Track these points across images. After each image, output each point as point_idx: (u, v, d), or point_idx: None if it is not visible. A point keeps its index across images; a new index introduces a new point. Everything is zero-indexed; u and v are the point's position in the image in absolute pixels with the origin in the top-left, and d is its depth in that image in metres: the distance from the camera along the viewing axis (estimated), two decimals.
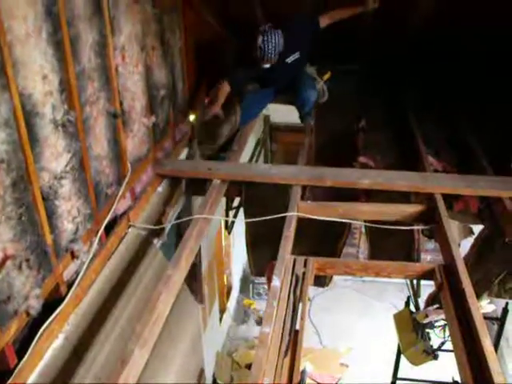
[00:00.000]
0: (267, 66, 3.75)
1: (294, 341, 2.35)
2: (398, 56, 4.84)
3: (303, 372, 2.28)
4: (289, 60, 3.95)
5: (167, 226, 3.35)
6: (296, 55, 3.96)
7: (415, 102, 4.83)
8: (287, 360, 2.27)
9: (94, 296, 2.49)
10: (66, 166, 2.28)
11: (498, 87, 4.43)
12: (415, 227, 3.39)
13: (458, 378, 2.34)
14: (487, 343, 2.19)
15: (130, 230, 2.93)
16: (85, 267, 2.45)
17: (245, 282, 8.07)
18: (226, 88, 4.03)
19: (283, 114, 6.09)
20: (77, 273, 2.43)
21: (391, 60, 4.93)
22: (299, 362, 2.28)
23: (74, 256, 2.41)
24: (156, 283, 2.52)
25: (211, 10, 4.17)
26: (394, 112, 4.79)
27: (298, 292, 2.65)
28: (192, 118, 4.24)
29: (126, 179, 2.90)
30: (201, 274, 4.22)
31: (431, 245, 7.03)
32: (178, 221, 3.66)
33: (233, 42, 4.67)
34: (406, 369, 4.27)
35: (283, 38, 3.66)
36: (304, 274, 2.81)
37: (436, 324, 3.62)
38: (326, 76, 4.50)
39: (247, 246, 3.93)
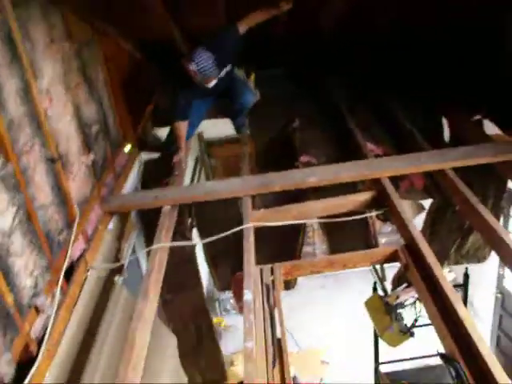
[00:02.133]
0: (213, 83, 3.74)
1: (278, 349, 2.34)
2: (321, 52, 4.94)
3: (294, 378, 2.27)
4: (222, 74, 3.92)
5: (126, 262, 3.28)
6: (227, 68, 3.95)
7: (346, 94, 4.94)
8: (276, 370, 2.26)
9: (66, 348, 2.39)
10: (14, 220, 2.19)
11: (423, 71, 4.61)
12: (368, 214, 3.45)
13: (442, 350, 2.39)
14: (463, 310, 2.26)
15: (89, 272, 2.84)
16: (52, 320, 2.35)
17: (210, 300, 7.98)
18: (182, 127, 4.03)
19: (216, 128, 6.09)
20: (45, 328, 2.33)
21: (315, 57, 5.03)
22: (288, 369, 2.27)
23: (38, 311, 2.31)
24: (127, 321, 2.45)
25: (129, 38, 4.12)
26: (328, 107, 4.88)
27: (271, 300, 2.64)
28: (127, 148, 4.18)
29: (76, 222, 2.82)
30: None
31: (387, 228, 7.24)
32: (135, 255, 3.60)
33: (155, 68, 4.65)
34: (387, 351, 4.32)
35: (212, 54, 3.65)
36: (273, 281, 2.81)
37: (406, 303, 3.70)
38: (252, 76, 4.53)
39: (208, 263, 3.91)
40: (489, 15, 3.81)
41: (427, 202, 3.76)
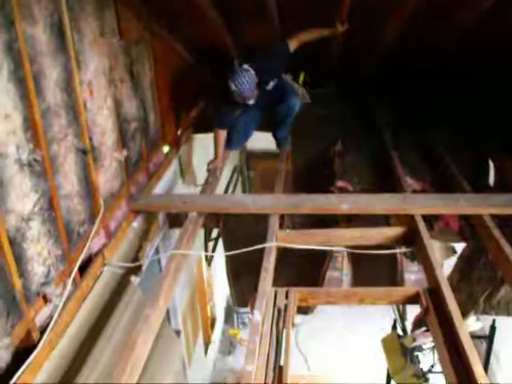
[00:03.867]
0: (252, 102, 3.71)
1: (278, 377, 2.26)
2: (371, 77, 4.86)
3: None
4: (270, 87, 3.89)
5: (145, 263, 3.26)
6: (275, 81, 3.91)
7: (391, 122, 4.84)
8: None
9: (69, 341, 2.37)
10: (34, 206, 2.19)
11: (472, 107, 4.48)
12: (397, 250, 3.34)
13: None
14: (478, 368, 2.12)
15: (105, 268, 2.83)
16: (58, 311, 2.34)
17: (229, 311, 7.93)
18: (220, 135, 4.01)
19: (259, 140, 6.06)
20: (50, 317, 2.32)
21: (365, 81, 4.95)
22: None
23: (46, 300, 2.30)
24: (135, 323, 2.42)
25: (182, 41, 4.13)
26: (371, 134, 4.78)
27: (280, 325, 2.56)
28: (166, 150, 4.19)
29: (99, 216, 2.81)
30: None
31: (415, 266, 6.98)
32: (155, 257, 3.58)
33: (205, 71, 4.66)
34: None
35: (258, 70, 3.62)
36: (286, 306, 2.73)
37: (425, 346, 3.55)
38: (302, 77, 4.44)
39: (228, 277, 3.85)
40: None
41: (460, 247, 3.61)
